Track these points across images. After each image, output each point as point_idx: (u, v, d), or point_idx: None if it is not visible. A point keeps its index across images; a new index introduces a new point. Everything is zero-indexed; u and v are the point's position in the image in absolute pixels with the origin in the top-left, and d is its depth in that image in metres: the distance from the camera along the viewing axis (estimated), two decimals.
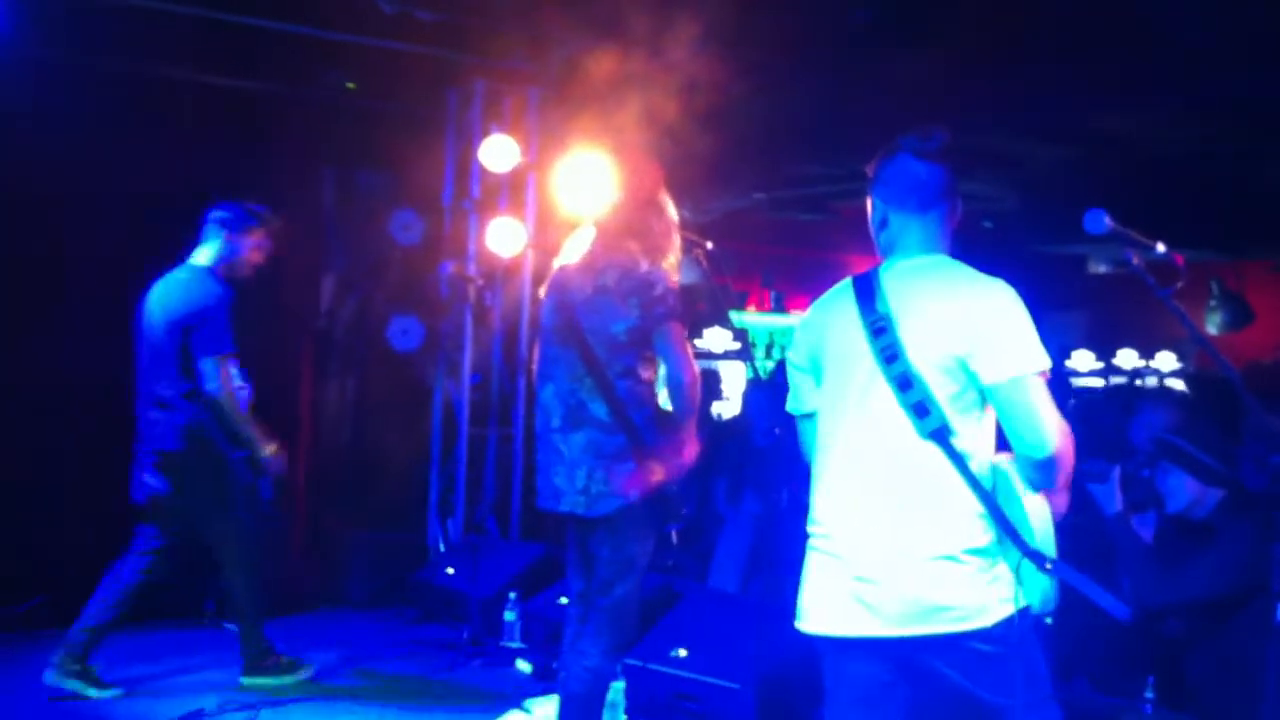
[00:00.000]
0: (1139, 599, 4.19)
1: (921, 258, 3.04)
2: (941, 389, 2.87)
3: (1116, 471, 4.21)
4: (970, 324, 2.85)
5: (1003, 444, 2.95)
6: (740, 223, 11.84)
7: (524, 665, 6.09)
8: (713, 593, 6.15)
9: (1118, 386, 14.11)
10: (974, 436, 2.90)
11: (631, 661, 5.11)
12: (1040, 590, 2.86)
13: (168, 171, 6.56)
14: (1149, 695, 3.92)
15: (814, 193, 11.23)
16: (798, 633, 3.08)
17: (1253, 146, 8.77)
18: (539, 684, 5.70)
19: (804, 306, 3.32)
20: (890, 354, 2.91)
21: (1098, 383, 15.32)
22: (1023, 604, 2.86)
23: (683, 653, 5.20)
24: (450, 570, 7.11)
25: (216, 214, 5.58)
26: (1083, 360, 15.76)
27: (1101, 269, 14.25)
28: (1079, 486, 4.42)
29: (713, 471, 7.08)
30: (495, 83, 7.79)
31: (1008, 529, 2.82)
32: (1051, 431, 2.81)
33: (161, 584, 5.53)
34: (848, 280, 3.11)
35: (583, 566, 4.36)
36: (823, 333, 3.12)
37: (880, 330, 2.94)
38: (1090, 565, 4.56)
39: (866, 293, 3.01)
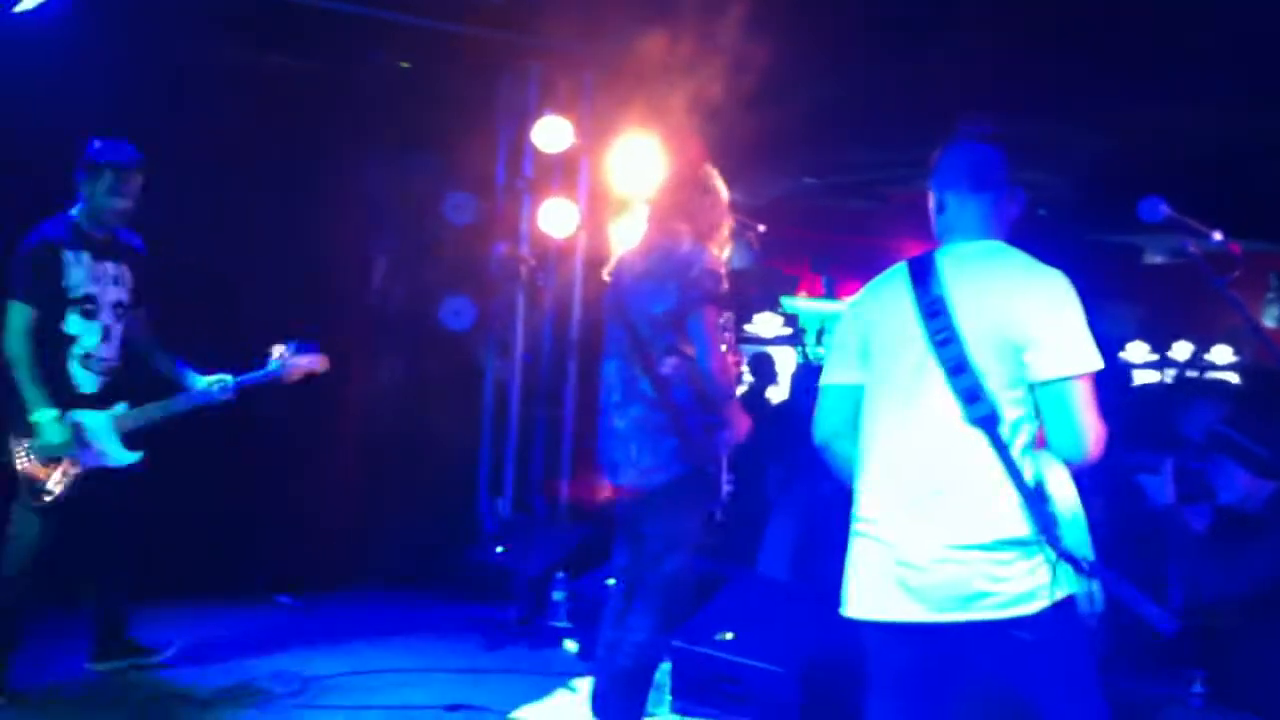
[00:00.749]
0: (1190, 591, 4.17)
1: (979, 242, 3.04)
2: (994, 376, 2.87)
3: (1169, 464, 4.18)
4: (1028, 315, 2.86)
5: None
6: (792, 208, 11.79)
7: (571, 645, 6.13)
8: (758, 577, 6.16)
9: (1174, 380, 13.97)
10: (1020, 427, 2.89)
11: (677, 643, 5.13)
12: (1081, 587, 2.86)
13: (217, 152, 6.62)
14: (1198, 689, 3.89)
15: (865, 179, 11.17)
16: (842, 618, 3.10)
17: None
18: (585, 664, 5.74)
19: (855, 292, 3.31)
20: (944, 337, 2.91)
21: (1154, 375, 15.17)
22: (1067, 593, 2.85)
23: (729, 636, 5.21)
24: (500, 549, 7.16)
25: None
26: (1137, 352, 15.61)
27: (1157, 259, 14.09)
28: (1127, 478, 4.41)
29: (764, 457, 7.08)
30: (548, 65, 7.79)
31: (1045, 527, 2.83)
32: (1089, 438, 2.85)
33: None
34: (903, 263, 3.11)
35: (630, 542, 4.43)
36: (874, 314, 3.12)
37: (935, 313, 2.94)
38: (1137, 560, 4.55)
39: (922, 275, 3.02)
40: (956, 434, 2.90)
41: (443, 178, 7.93)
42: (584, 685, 5.19)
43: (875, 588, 2.99)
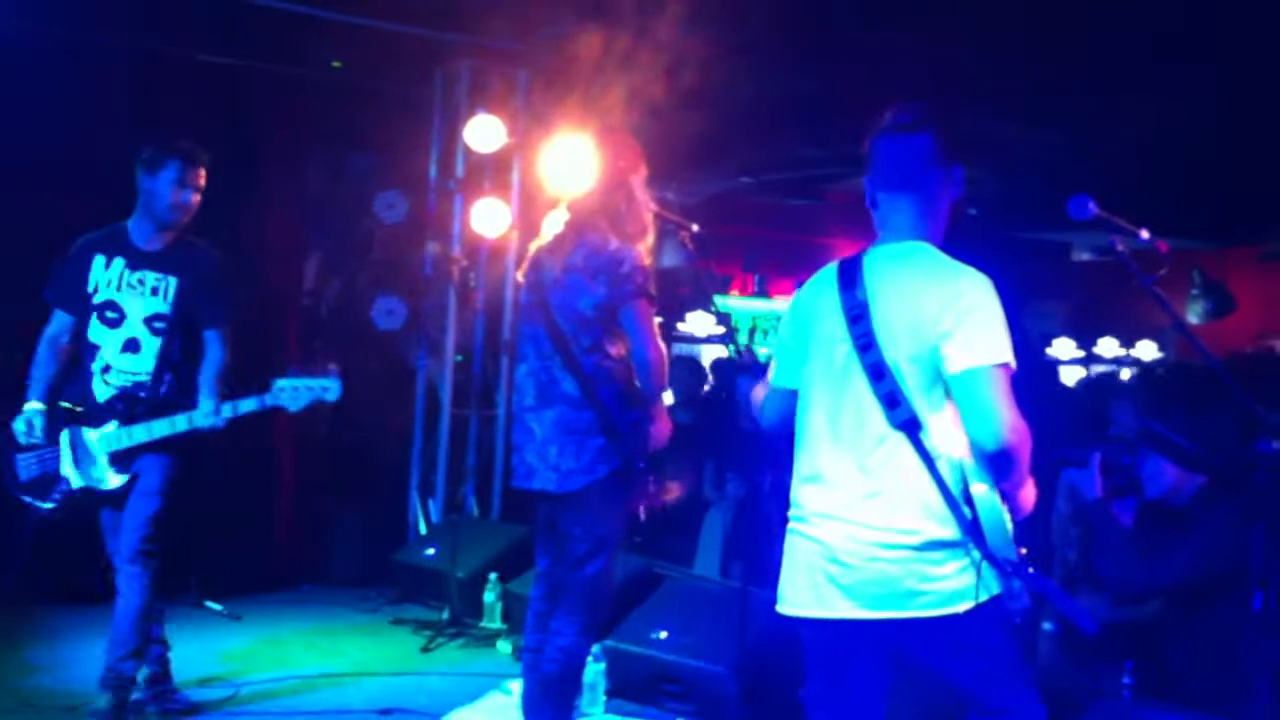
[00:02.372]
0: (1118, 583, 4.22)
1: (904, 244, 3.06)
2: (912, 380, 2.91)
3: (1097, 458, 4.22)
4: (940, 311, 2.87)
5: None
6: (724, 206, 11.81)
7: (504, 646, 6.10)
8: (694, 576, 6.16)
9: (1098, 376, 14.16)
10: (943, 431, 2.91)
11: (612, 643, 5.12)
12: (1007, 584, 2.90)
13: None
14: (1127, 680, 3.94)
15: (799, 176, 11.21)
16: (779, 615, 3.12)
17: (1237, 134, 8.78)
18: (518, 665, 5.71)
19: (787, 291, 3.36)
20: (865, 342, 2.95)
21: (1079, 371, 15.37)
22: (993, 593, 2.90)
23: (663, 635, 5.21)
24: (431, 550, 7.11)
25: None
26: (1063, 348, 15.80)
27: (1084, 256, 14.27)
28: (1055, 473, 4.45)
29: (702, 456, 7.09)
30: (482, 63, 7.75)
31: (968, 529, 2.86)
32: (1004, 426, 2.81)
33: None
34: (833, 265, 3.13)
35: (551, 545, 4.41)
36: (808, 315, 3.16)
37: (857, 317, 2.97)
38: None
39: (848, 278, 3.05)
40: (883, 436, 2.93)
41: (376, 177, 7.87)
42: (517, 687, 5.15)
43: (809, 585, 3.02)
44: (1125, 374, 14.58)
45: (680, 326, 12.96)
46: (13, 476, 4.83)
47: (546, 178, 4.83)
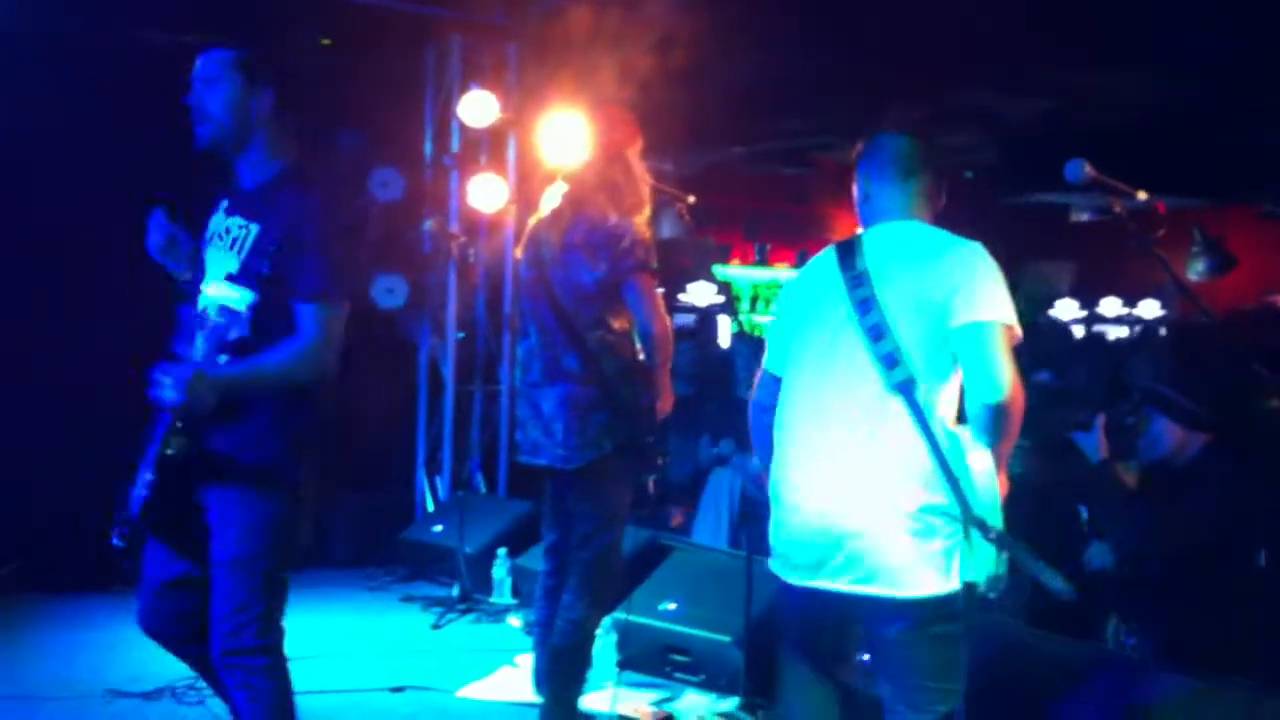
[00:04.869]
0: (1122, 545, 4.23)
1: (901, 223, 3.10)
2: (914, 342, 2.92)
3: (1100, 419, 4.22)
4: (947, 274, 2.92)
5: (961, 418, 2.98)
6: (722, 176, 11.80)
7: (514, 621, 6.12)
8: (702, 548, 6.17)
9: (1097, 336, 14.17)
10: (939, 395, 2.94)
11: (621, 616, 5.14)
12: (988, 567, 2.91)
13: (141, 134, 6.49)
14: (1129, 641, 3.95)
15: (794, 146, 11.20)
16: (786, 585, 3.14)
17: (1234, 97, 8.76)
18: (529, 640, 5.73)
19: (788, 259, 3.40)
20: (866, 306, 2.96)
21: (1079, 330, 15.36)
22: (965, 580, 2.91)
23: (672, 606, 5.23)
24: (438, 528, 7.13)
25: None
26: (1066, 309, 15.80)
27: (1084, 217, 14.26)
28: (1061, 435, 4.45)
29: (699, 426, 7.10)
30: (473, 38, 7.72)
31: (956, 491, 2.86)
32: (1006, 379, 2.84)
33: None
34: (831, 246, 3.17)
35: (558, 520, 4.42)
36: (803, 296, 3.19)
37: (858, 284, 3.00)
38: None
39: (847, 252, 3.08)
40: (874, 400, 2.94)
41: (370, 155, 7.84)
42: (527, 661, 5.18)
43: (793, 553, 3.06)
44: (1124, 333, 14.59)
45: (681, 297, 12.97)
46: None
47: (542, 152, 4.82)
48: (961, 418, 2.96)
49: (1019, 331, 2.91)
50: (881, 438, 2.93)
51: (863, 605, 2.96)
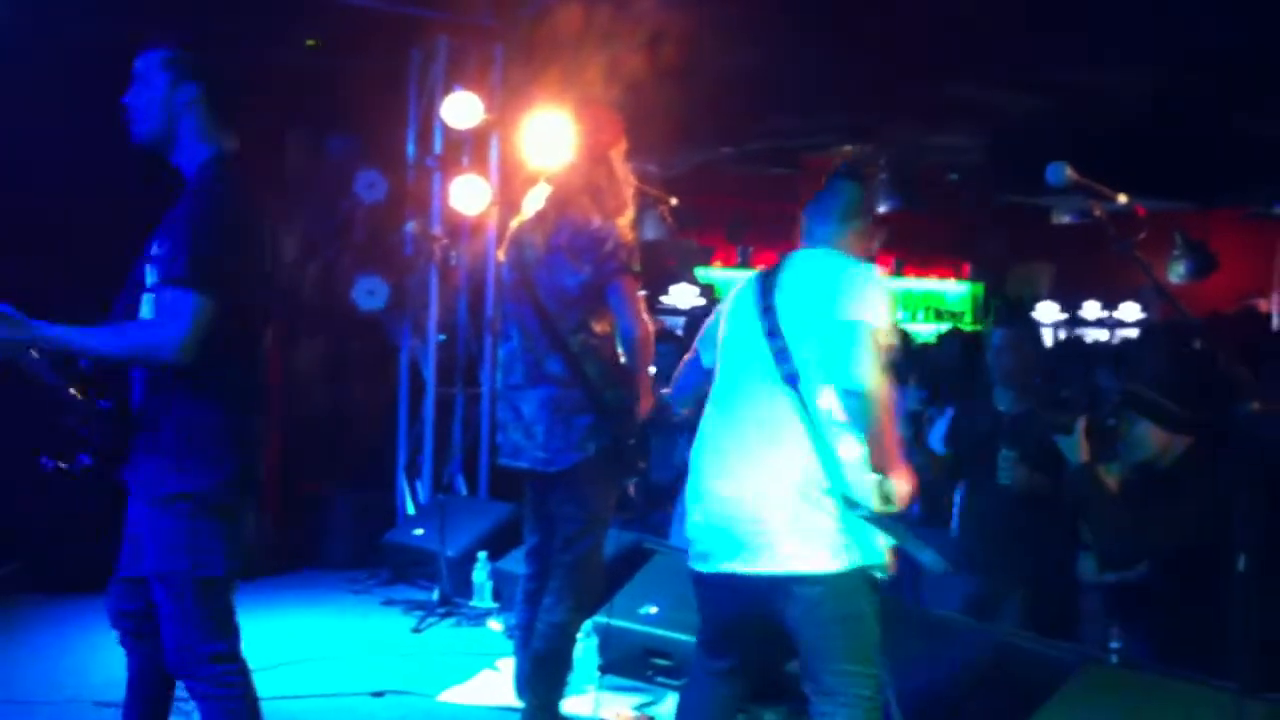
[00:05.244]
0: (1105, 549, 4.23)
1: (818, 250, 3.46)
2: (806, 348, 3.27)
3: (1081, 423, 4.22)
4: (836, 289, 3.29)
5: None
6: (706, 178, 11.80)
7: (495, 625, 6.10)
8: (682, 550, 6.15)
9: (1076, 339, 14.21)
10: (822, 389, 3.25)
11: (603, 619, 5.12)
12: (873, 548, 3.21)
13: (126, 134, 6.45)
14: (1114, 645, 3.95)
15: (780, 146, 11.20)
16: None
17: (1219, 95, 8.79)
18: (510, 643, 5.71)
19: (771, 261, 3.53)
20: (774, 335, 3.32)
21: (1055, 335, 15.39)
22: (856, 561, 3.18)
23: (654, 610, 5.21)
24: (419, 531, 7.10)
25: None
26: (1047, 311, 15.82)
27: (1066, 220, 14.30)
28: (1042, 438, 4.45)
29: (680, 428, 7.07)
30: (458, 39, 7.70)
31: (834, 475, 3.18)
32: (867, 372, 3.18)
33: None
34: (755, 275, 3.55)
35: (539, 523, 4.41)
36: (730, 315, 3.52)
37: (767, 312, 3.36)
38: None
39: (765, 283, 3.44)
40: (772, 400, 3.28)
41: (354, 155, 7.82)
42: (508, 665, 5.16)
43: (702, 542, 3.38)
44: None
45: (664, 299, 12.96)
46: None
47: (526, 154, 4.81)
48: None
49: (891, 341, 3.27)
50: (775, 431, 3.25)
51: (765, 586, 3.23)
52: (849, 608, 3.20)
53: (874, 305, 3.27)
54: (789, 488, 3.21)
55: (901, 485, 3.29)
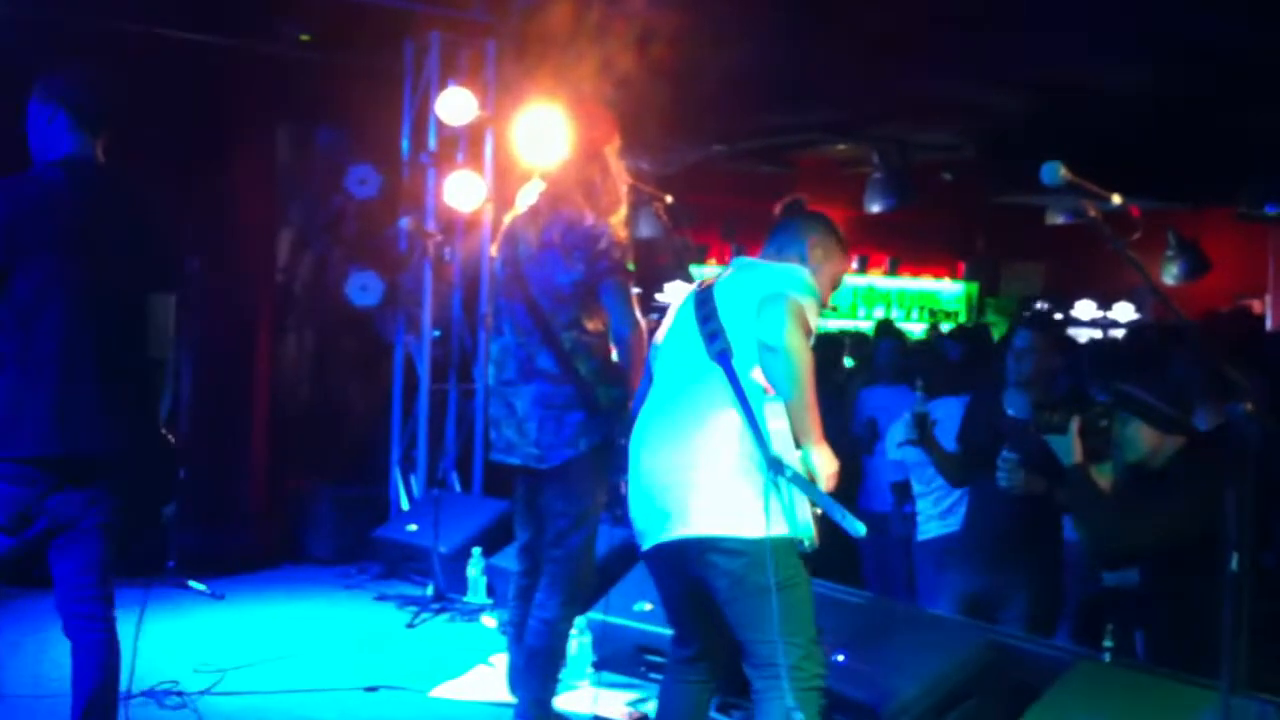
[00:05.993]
0: (1098, 549, 4.23)
1: (751, 260, 3.71)
2: (736, 330, 3.43)
3: (1075, 423, 4.22)
4: (762, 277, 3.51)
5: None
6: (700, 176, 11.79)
7: (489, 621, 6.10)
8: None
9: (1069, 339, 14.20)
10: (751, 365, 3.39)
11: (596, 616, 5.13)
12: (797, 516, 3.30)
13: (120, 128, 6.43)
14: (1107, 644, 3.96)
15: (773, 144, 11.20)
16: None
17: (1212, 94, 8.80)
18: (503, 639, 5.71)
19: None
20: (708, 323, 3.48)
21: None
22: (782, 531, 3.28)
23: (648, 606, 5.21)
24: (413, 526, 7.10)
25: None
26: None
27: (1060, 220, 14.29)
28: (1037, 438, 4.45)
29: None
30: (451, 34, 7.70)
31: (759, 440, 3.28)
32: (790, 333, 3.30)
33: None
34: (694, 289, 3.71)
35: (531, 519, 4.42)
36: (673, 319, 3.70)
37: (707, 319, 3.51)
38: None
39: (704, 294, 3.61)
40: (702, 375, 3.43)
41: (347, 151, 7.82)
42: (502, 661, 5.16)
43: (640, 518, 3.50)
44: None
45: (658, 297, 12.95)
46: None
47: (520, 150, 4.81)
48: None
49: (811, 320, 3.41)
50: (702, 405, 3.39)
51: (689, 551, 3.34)
52: (776, 577, 3.24)
53: (794, 283, 3.44)
54: (712, 456, 3.32)
55: (823, 462, 3.38)
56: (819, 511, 3.34)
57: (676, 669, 3.66)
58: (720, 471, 3.32)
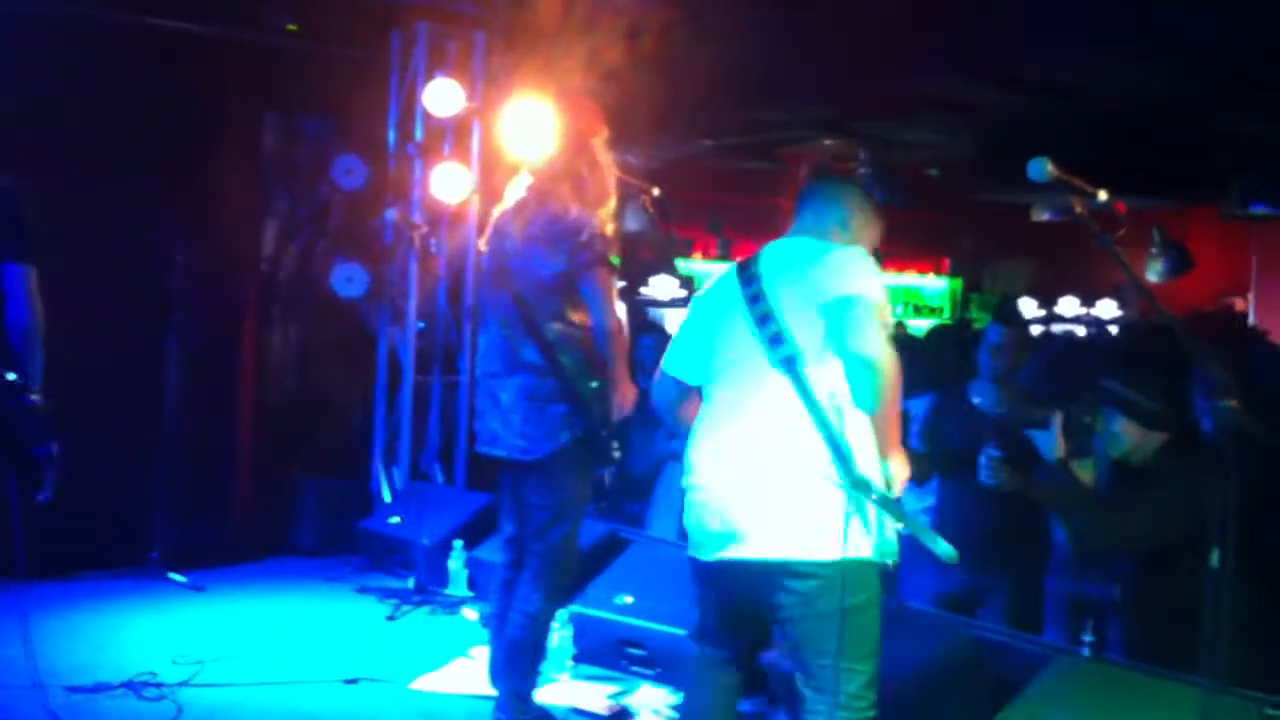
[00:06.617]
0: (1079, 544, 4.25)
1: (793, 239, 3.43)
2: (800, 330, 3.20)
3: (1057, 419, 4.24)
4: (825, 270, 3.23)
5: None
6: (686, 169, 11.79)
7: (470, 613, 6.09)
8: (658, 540, 6.16)
9: (1050, 334, 14.26)
10: (823, 375, 3.17)
11: (577, 609, 5.12)
12: (882, 536, 3.15)
13: (106, 117, 6.41)
14: (1087, 639, 3.97)
15: (761, 139, 11.20)
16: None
17: (1200, 94, 8.82)
18: (484, 632, 5.70)
19: (750, 253, 3.53)
20: (765, 320, 3.25)
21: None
22: (862, 553, 3.13)
23: (629, 600, 5.22)
24: (395, 519, 7.08)
25: None
26: (1025, 308, 15.86)
27: (1045, 217, 14.34)
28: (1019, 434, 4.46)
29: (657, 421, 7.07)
30: (439, 26, 7.67)
31: (840, 457, 3.10)
32: (875, 343, 3.09)
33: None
34: (734, 265, 3.49)
35: (515, 512, 4.41)
36: (710, 310, 3.48)
37: (756, 300, 3.30)
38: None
39: (746, 271, 3.39)
40: (769, 384, 3.21)
41: (333, 141, 7.79)
42: (482, 654, 5.15)
43: (703, 530, 3.33)
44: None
45: (643, 290, 12.95)
46: None
47: (507, 142, 4.80)
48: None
49: (889, 316, 3.22)
50: (774, 416, 3.18)
51: (760, 573, 3.18)
52: (849, 600, 3.10)
53: (867, 277, 3.20)
54: (789, 472, 3.14)
55: (899, 469, 3.24)
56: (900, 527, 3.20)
57: (708, 670, 3.49)
58: (796, 491, 3.14)
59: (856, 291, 3.14)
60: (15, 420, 4.02)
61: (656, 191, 4.75)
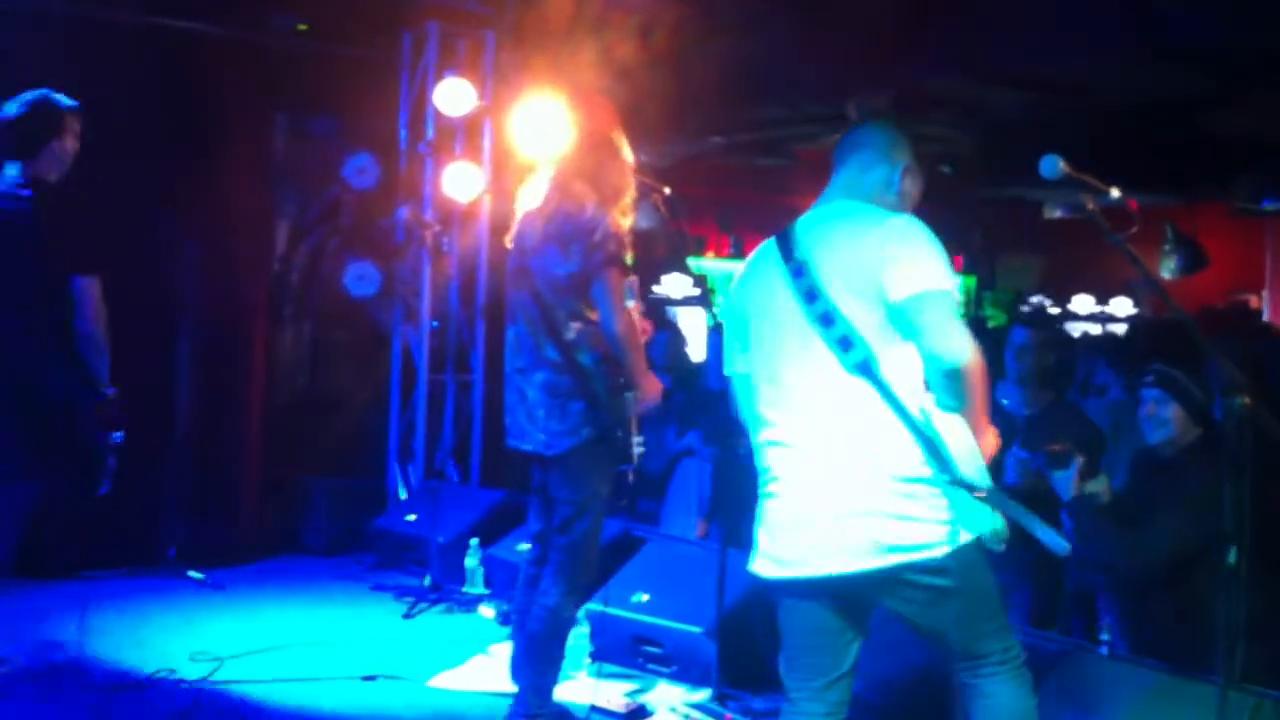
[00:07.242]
0: (1111, 570, 4.21)
1: (835, 204, 3.19)
2: (863, 321, 2.97)
3: (1078, 463, 4.18)
4: (877, 248, 2.97)
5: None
6: (698, 167, 11.78)
7: (486, 611, 6.11)
8: (675, 539, 6.17)
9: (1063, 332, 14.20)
10: (899, 367, 2.97)
11: (594, 606, 5.13)
12: (985, 522, 2.96)
13: (116, 118, 6.42)
14: (1105, 637, 3.97)
15: (772, 136, 11.19)
16: (757, 577, 3.17)
17: (1209, 92, 8.80)
18: (501, 629, 5.72)
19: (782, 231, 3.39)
20: (811, 294, 3.02)
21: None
22: (970, 536, 2.96)
23: (645, 597, 5.22)
24: (411, 517, 7.10)
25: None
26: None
27: (1057, 214, 14.31)
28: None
29: (669, 417, 7.08)
30: (450, 24, 7.69)
31: (937, 457, 2.92)
32: (959, 343, 2.88)
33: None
34: (771, 239, 3.24)
35: (544, 507, 4.43)
36: (749, 291, 3.27)
37: (799, 273, 3.06)
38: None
39: (785, 243, 3.15)
40: (840, 384, 2.99)
41: (344, 141, 7.80)
42: (500, 651, 5.17)
43: (779, 544, 3.09)
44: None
45: (656, 289, 12.96)
46: None
47: (518, 140, 4.81)
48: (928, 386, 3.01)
49: (958, 296, 2.93)
50: (852, 420, 2.98)
51: (875, 582, 2.98)
52: (970, 582, 2.98)
53: (931, 263, 2.95)
54: (884, 475, 2.94)
55: (990, 444, 3.07)
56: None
57: (806, 706, 3.16)
58: (897, 491, 2.94)
59: (928, 287, 2.91)
60: (87, 417, 4.48)
61: (668, 190, 4.76)
